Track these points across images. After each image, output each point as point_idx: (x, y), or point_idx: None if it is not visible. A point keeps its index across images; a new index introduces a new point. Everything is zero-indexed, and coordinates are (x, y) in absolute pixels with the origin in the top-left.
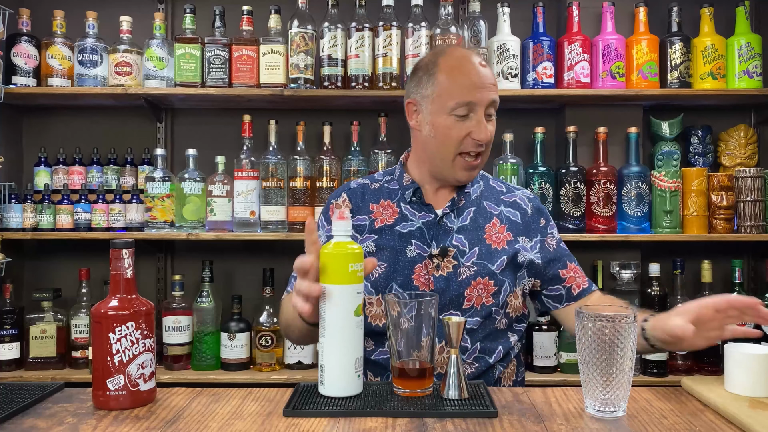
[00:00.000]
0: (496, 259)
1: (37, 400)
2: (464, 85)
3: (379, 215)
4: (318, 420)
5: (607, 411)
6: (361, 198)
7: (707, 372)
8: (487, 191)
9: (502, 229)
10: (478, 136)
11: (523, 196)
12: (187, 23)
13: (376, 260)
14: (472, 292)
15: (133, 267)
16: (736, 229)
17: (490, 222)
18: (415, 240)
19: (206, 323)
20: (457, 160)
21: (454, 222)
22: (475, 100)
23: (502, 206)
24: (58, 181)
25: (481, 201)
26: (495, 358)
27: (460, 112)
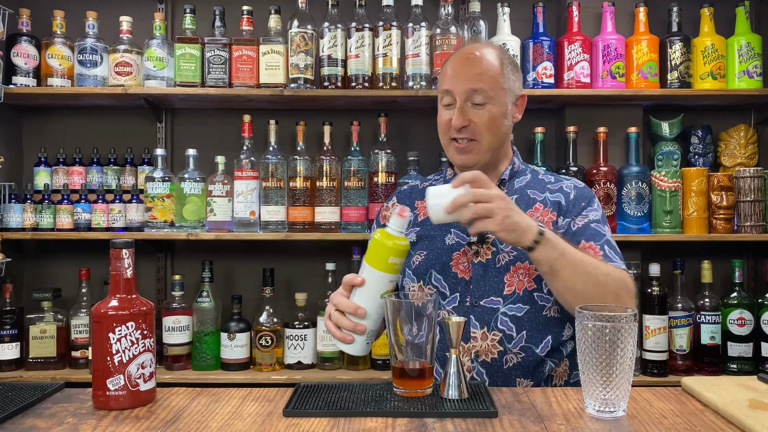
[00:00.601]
0: None
1: (37, 400)
2: (447, 74)
3: (422, 209)
4: (318, 420)
5: (607, 411)
6: (408, 197)
7: (707, 372)
8: (533, 182)
9: (546, 212)
10: (452, 123)
11: (570, 184)
12: (187, 23)
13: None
14: (512, 278)
15: (133, 267)
16: (736, 229)
17: (532, 207)
18: (454, 229)
19: (206, 323)
20: (451, 145)
21: None
22: (450, 87)
23: (548, 193)
24: (58, 181)
25: (525, 190)
26: (543, 350)
27: (445, 100)
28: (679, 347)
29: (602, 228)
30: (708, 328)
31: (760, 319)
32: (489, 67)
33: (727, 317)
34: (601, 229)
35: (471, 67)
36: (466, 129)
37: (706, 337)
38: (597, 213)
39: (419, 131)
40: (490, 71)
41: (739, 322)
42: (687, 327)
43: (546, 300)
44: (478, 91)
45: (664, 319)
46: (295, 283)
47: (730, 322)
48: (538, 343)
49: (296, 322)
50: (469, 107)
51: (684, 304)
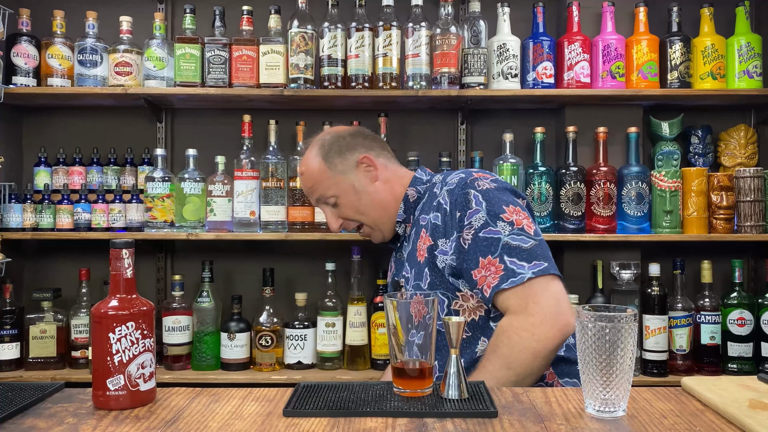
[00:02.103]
0: (422, 273)
1: (37, 400)
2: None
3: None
4: (318, 420)
5: (607, 411)
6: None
7: (707, 372)
8: (427, 202)
9: (426, 238)
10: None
11: (444, 193)
12: (187, 23)
13: None
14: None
15: (133, 267)
16: (736, 229)
17: (419, 236)
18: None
19: (206, 323)
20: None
21: (406, 250)
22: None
23: (431, 213)
24: (58, 181)
25: (419, 217)
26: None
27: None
28: (679, 347)
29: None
30: (708, 328)
31: (760, 319)
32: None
33: (727, 317)
34: (493, 232)
35: (304, 184)
36: (345, 224)
37: (706, 337)
38: (480, 213)
39: (419, 131)
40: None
41: (739, 322)
42: (687, 327)
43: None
44: (321, 198)
45: (664, 319)
46: (295, 283)
47: (730, 322)
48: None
49: (296, 322)
50: (331, 209)
51: (684, 304)
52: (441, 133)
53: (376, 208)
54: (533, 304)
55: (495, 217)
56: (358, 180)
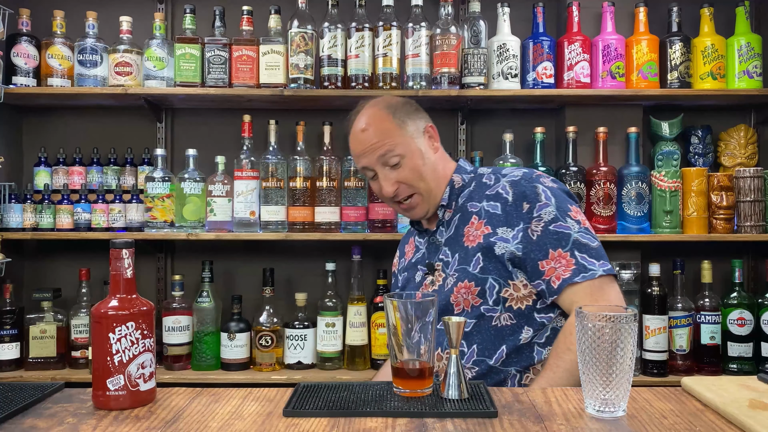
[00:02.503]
0: (472, 258)
1: (37, 400)
2: (354, 154)
3: (408, 254)
4: (318, 420)
5: (607, 411)
6: (403, 244)
7: (707, 372)
8: (475, 191)
9: (480, 224)
10: (380, 194)
11: (505, 184)
12: (187, 23)
13: None
14: (457, 297)
15: (133, 267)
16: (736, 229)
17: (468, 222)
18: (420, 265)
19: (206, 323)
20: (396, 207)
21: (443, 235)
22: (364, 164)
23: (484, 201)
24: (58, 181)
25: (466, 204)
26: (497, 360)
27: (368, 175)
28: (679, 347)
29: (564, 224)
30: (708, 328)
31: (760, 319)
32: (382, 129)
33: (727, 317)
34: (563, 227)
35: (368, 137)
36: (400, 190)
37: (706, 337)
38: (550, 207)
39: None
40: (385, 131)
41: (739, 322)
42: (687, 327)
43: (492, 310)
44: (385, 155)
45: (664, 319)
46: (295, 283)
47: (730, 322)
48: (492, 354)
49: (296, 322)
50: (390, 171)
51: (684, 304)
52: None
53: (434, 178)
54: (603, 300)
55: (564, 214)
56: (423, 146)
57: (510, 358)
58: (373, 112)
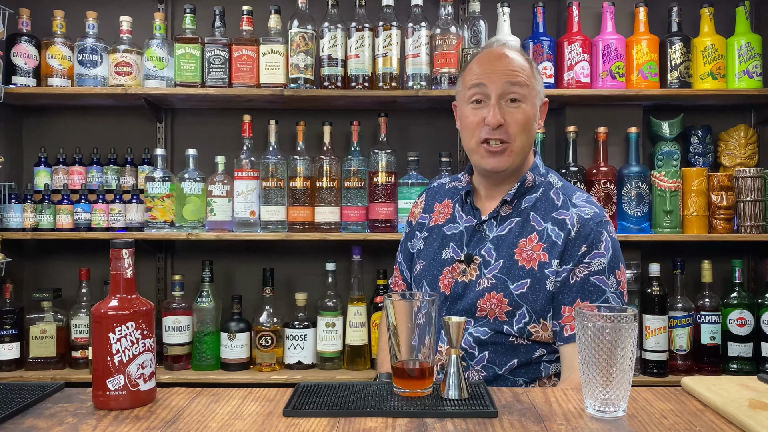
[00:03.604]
0: (518, 278)
1: (37, 400)
2: (476, 70)
3: (436, 214)
4: (318, 420)
5: (607, 411)
6: (433, 197)
7: (707, 372)
8: (541, 202)
9: (537, 247)
10: (488, 120)
11: (575, 215)
12: (187, 23)
13: None
14: (485, 304)
15: (133, 267)
16: (736, 229)
17: (527, 237)
18: (453, 243)
19: (206, 323)
20: (480, 148)
21: (493, 230)
22: (484, 81)
23: (549, 223)
24: (58, 181)
25: (530, 213)
26: (507, 370)
27: (475, 97)
28: (679, 347)
29: (606, 280)
30: (708, 328)
31: (760, 319)
32: (522, 66)
33: (727, 317)
34: (603, 283)
35: (506, 63)
36: (500, 129)
37: (706, 337)
38: (603, 259)
39: (419, 131)
40: (524, 68)
41: (739, 322)
42: (687, 327)
43: (514, 335)
44: (515, 85)
45: (664, 319)
46: (295, 283)
47: (730, 322)
48: (502, 365)
49: (296, 322)
50: (504, 105)
51: (684, 304)
52: (441, 133)
53: (528, 146)
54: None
55: (611, 270)
56: (537, 111)
57: (519, 369)
58: (517, 51)
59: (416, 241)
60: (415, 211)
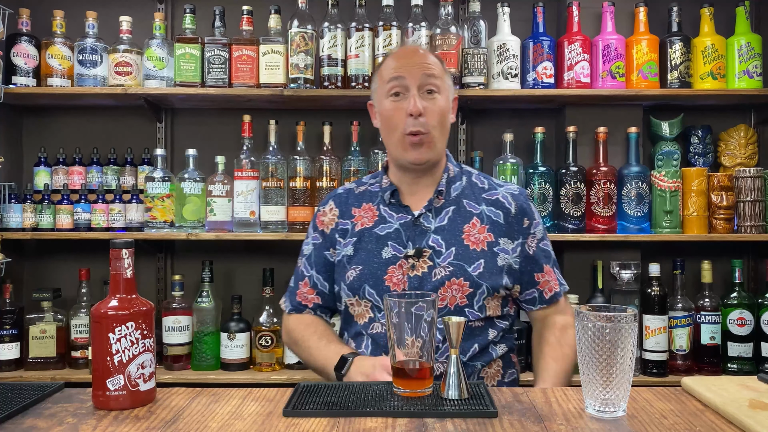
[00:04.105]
0: (474, 261)
1: (37, 400)
2: (393, 65)
3: (360, 219)
4: (318, 420)
5: (607, 411)
6: (345, 203)
7: (707, 372)
8: (468, 189)
9: (482, 229)
10: (410, 109)
11: (506, 194)
12: (187, 23)
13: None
14: (445, 292)
15: (133, 267)
16: (736, 229)
17: (470, 222)
18: (392, 242)
19: (206, 323)
20: (404, 140)
21: (432, 222)
22: (402, 74)
23: (484, 205)
24: (58, 181)
25: (461, 200)
26: (470, 356)
27: (394, 90)
28: (679, 347)
29: (547, 242)
30: (708, 328)
31: (760, 319)
32: (434, 61)
33: (727, 317)
34: (548, 246)
35: (421, 57)
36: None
37: (706, 337)
38: (540, 226)
39: None
40: (437, 65)
41: (739, 322)
42: (687, 327)
43: (475, 315)
44: (431, 77)
45: (664, 319)
46: None
47: (730, 322)
48: (466, 352)
49: None
50: (424, 95)
51: (684, 304)
52: None
53: (444, 140)
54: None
55: (545, 234)
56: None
57: (478, 354)
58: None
59: (340, 248)
60: (325, 219)
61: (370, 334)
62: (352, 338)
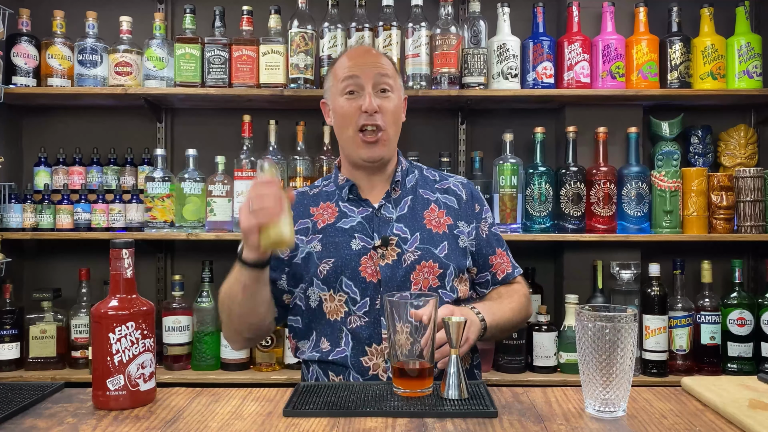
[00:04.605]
0: (438, 243)
1: (37, 400)
2: (347, 64)
3: (320, 216)
4: (318, 420)
5: (607, 411)
6: (300, 204)
7: (707, 372)
8: (421, 180)
9: (441, 213)
10: (365, 107)
11: (456, 183)
12: (187, 23)
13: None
14: (417, 276)
15: (133, 267)
16: (736, 229)
17: (428, 208)
18: (358, 234)
19: (206, 323)
20: (357, 138)
21: (393, 212)
22: (357, 73)
23: (438, 194)
24: (58, 181)
25: (417, 189)
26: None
27: (349, 88)
28: (679, 347)
29: (497, 228)
30: (708, 328)
31: (760, 319)
32: (386, 61)
33: (727, 317)
34: (498, 230)
35: (374, 57)
36: (375, 116)
37: (706, 337)
38: (490, 213)
39: (419, 131)
40: (389, 64)
41: (739, 322)
42: (687, 327)
43: (449, 296)
44: (384, 76)
45: (664, 319)
46: None
47: (730, 322)
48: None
49: None
50: (377, 94)
51: (684, 304)
52: (441, 133)
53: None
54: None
55: (494, 221)
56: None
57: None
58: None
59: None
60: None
61: (349, 330)
62: (325, 336)
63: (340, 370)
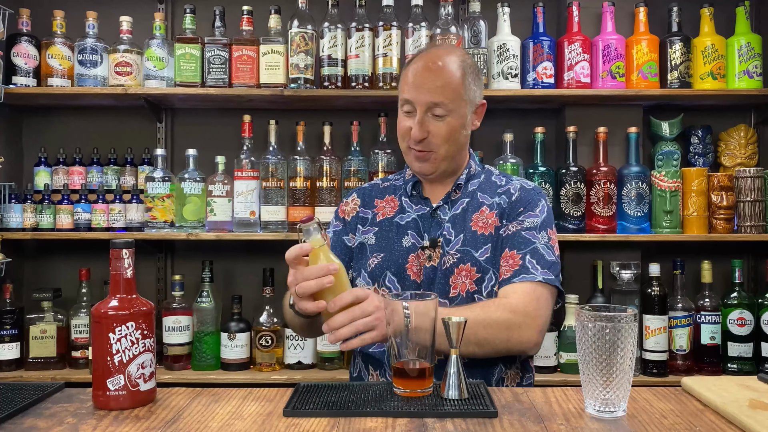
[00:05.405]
0: (481, 245)
1: (37, 400)
2: (407, 83)
3: (381, 209)
4: (318, 420)
5: (607, 411)
6: (369, 195)
7: (707, 372)
8: (485, 185)
9: (491, 215)
10: (412, 134)
11: (517, 185)
12: (187, 23)
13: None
14: (456, 280)
15: (133, 267)
16: (736, 229)
17: (479, 210)
18: (411, 231)
19: (206, 323)
20: (410, 152)
21: (447, 213)
22: (411, 98)
23: (496, 197)
24: (58, 181)
25: (476, 193)
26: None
27: (405, 108)
28: (679, 347)
29: (535, 235)
30: (708, 328)
31: (760, 319)
32: (450, 79)
33: (727, 317)
34: (533, 237)
35: (433, 78)
36: (424, 141)
37: (706, 337)
38: (535, 219)
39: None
40: (452, 83)
41: (739, 322)
42: (687, 327)
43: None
44: (438, 104)
45: (664, 319)
46: None
47: (730, 322)
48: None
49: None
50: (429, 118)
51: (684, 304)
52: None
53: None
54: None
55: (543, 228)
56: (469, 117)
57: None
58: (450, 61)
59: (359, 236)
60: (347, 208)
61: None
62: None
63: (377, 365)
